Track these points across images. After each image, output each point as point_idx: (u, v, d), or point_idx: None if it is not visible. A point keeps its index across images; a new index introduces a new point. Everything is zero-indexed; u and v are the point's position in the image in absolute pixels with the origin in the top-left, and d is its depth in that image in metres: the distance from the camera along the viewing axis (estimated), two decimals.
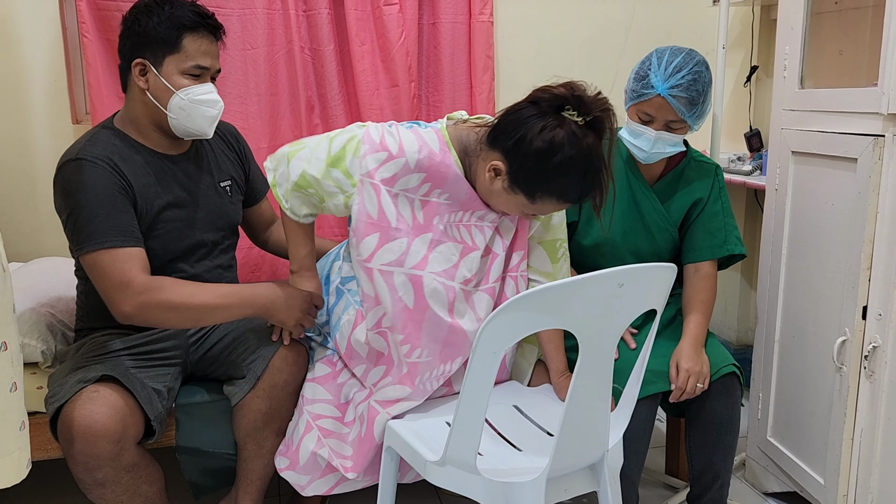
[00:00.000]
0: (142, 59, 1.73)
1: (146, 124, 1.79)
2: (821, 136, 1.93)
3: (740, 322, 3.15)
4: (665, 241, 2.03)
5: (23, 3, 2.49)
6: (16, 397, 1.31)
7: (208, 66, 1.76)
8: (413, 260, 1.65)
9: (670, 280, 1.42)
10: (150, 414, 1.65)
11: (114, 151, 1.72)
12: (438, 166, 1.64)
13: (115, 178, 1.68)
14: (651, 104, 1.86)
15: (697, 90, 1.84)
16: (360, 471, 1.71)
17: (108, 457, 1.56)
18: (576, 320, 1.32)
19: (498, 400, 1.76)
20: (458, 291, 1.69)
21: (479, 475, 1.42)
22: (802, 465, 2.04)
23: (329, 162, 1.63)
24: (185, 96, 1.72)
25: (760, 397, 2.22)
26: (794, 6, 2.02)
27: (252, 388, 1.73)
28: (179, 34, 1.71)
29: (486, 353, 1.30)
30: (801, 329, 2.05)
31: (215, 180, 1.92)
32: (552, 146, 1.49)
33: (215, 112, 1.78)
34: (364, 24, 2.60)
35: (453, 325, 1.68)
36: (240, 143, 2.05)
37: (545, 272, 1.81)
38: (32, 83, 2.55)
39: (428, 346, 1.68)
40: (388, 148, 1.62)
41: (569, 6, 2.90)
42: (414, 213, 1.66)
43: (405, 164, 1.62)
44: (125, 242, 1.66)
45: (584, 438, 1.47)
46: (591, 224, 2.03)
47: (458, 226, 1.70)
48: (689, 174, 2.02)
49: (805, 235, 2.02)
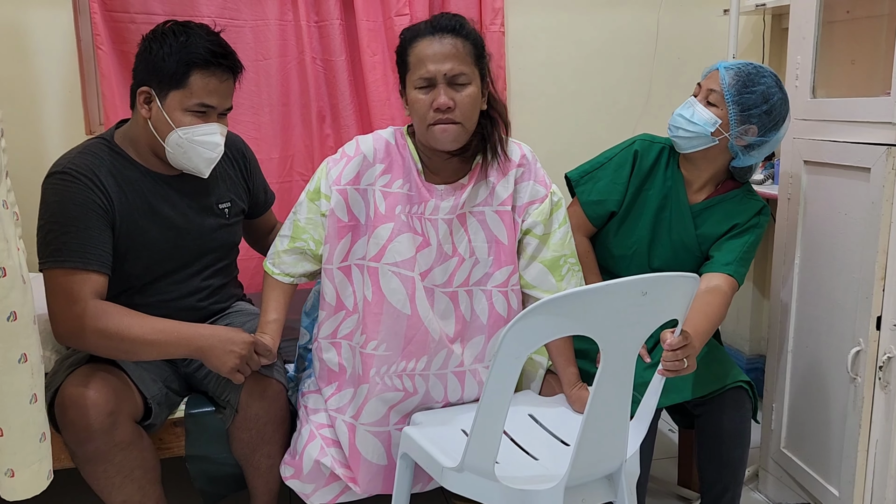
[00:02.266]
0: (147, 88, 1.67)
1: (144, 148, 1.74)
2: (833, 145, 1.93)
3: (753, 332, 3.14)
4: (688, 263, 1.98)
5: (38, 17, 2.51)
6: (36, 409, 1.32)
7: (214, 105, 1.68)
8: (371, 251, 1.71)
9: (693, 290, 1.42)
10: (143, 390, 1.65)
11: (101, 167, 1.67)
12: (394, 155, 1.72)
13: (93, 196, 1.63)
14: (708, 76, 1.90)
15: (749, 74, 1.82)
16: (364, 485, 1.73)
17: (100, 428, 1.55)
18: (599, 326, 1.32)
19: (513, 409, 1.75)
20: (419, 284, 1.70)
21: (498, 482, 1.41)
22: (817, 477, 2.03)
23: (310, 197, 1.76)
24: (184, 135, 1.66)
25: (774, 408, 2.21)
26: (806, 15, 2.03)
27: (232, 419, 1.73)
28: (188, 70, 1.64)
29: (508, 357, 1.30)
30: (814, 339, 2.04)
31: (213, 201, 1.85)
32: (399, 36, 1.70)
33: (213, 155, 1.71)
34: (375, 35, 2.62)
35: (413, 320, 1.69)
36: (245, 158, 1.97)
37: (547, 289, 1.78)
38: (47, 95, 2.57)
39: (387, 339, 1.69)
40: (346, 154, 1.74)
41: (579, 17, 2.92)
42: (376, 205, 1.71)
43: (364, 159, 1.72)
44: (87, 265, 1.60)
45: (602, 447, 1.47)
46: (626, 232, 2.01)
47: (419, 218, 1.72)
48: (731, 206, 1.96)
49: (818, 245, 2.02)
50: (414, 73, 1.61)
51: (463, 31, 1.62)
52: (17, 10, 2.49)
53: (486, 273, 1.76)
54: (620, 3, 2.94)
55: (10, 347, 1.26)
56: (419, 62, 1.60)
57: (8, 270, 1.23)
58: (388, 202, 1.71)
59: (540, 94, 2.94)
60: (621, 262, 2.03)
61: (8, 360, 1.26)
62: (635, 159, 1.99)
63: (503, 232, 1.75)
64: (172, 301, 1.79)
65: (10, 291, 1.24)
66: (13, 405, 1.29)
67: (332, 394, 1.77)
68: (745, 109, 1.82)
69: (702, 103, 1.87)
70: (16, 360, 1.27)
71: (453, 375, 1.76)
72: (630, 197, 1.99)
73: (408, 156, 1.73)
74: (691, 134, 1.87)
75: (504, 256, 1.76)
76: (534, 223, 1.76)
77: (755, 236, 1.93)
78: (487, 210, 1.75)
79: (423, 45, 1.60)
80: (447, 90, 1.60)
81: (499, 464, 1.49)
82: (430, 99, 1.60)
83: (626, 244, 2.01)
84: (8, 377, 1.27)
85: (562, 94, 2.95)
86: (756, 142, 1.86)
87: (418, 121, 1.65)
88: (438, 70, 1.59)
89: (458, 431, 1.65)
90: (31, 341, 1.30)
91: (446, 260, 1.73)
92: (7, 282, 1.23)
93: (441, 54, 1.59)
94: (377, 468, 1.73)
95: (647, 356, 1.71)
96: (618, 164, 2.00)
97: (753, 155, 1.90)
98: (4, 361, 1.26)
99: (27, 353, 1.29)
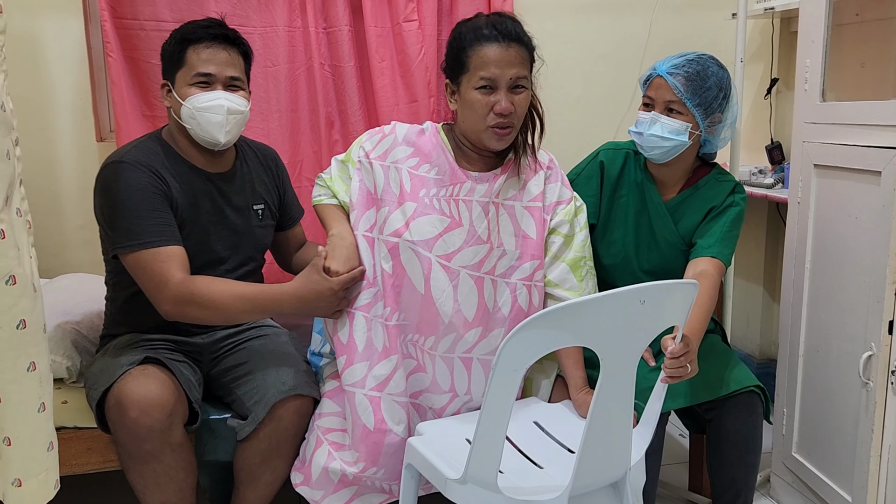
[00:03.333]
0: (165, 81, 1.84)
1: (181, 139, 1.86)
2: (843, 149, 1.92)
3: (763, 336, 3.12)
4: (676, 259, 2.00)
5: (49, 25, 2.53)
6: (44, 418, 1.32)
7: (212, 72, 1.78)
8: (394, 226, 1.74)
9: (692, 297, 1.41)
10: (190, 396, 1.70)
11: (155, 159, 1.79)
12: (425, 142, 1.80)
13: (154, 181, 1.74)
14: (652, 85, 1.90)
15: (698, 71, 1.84)
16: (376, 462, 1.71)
17: (159, 427, 1.60)
18: (597, 338, 1.31)
19: (518, 416, 1.76)
20: (435, 265, 1.72)
21: (501, 493, 1.41)
22: (829, 482, 2.01)
23: (341, 159, 1.88)
24: (190, 105, 1.77)
25: (785, 413, 2.19)
26: (815, 18, 2.01)
27: (253, 430, 1.74)
28: (183, 49, 1.78)
29: (506, 370, 1.30)
30: (825, 344, 2.03)
31: (248, 203, 1.94)
32: (453, 32, 1.75)
33: (219, 118, 1.77)
34: (384, 41, 2.62)
35: (426, 300, 1.72)
36: (278, 168, 2.07)
37: (570, 288, 1.83)
38: (57, 103, 2.60)
39: (405, 310, 1.74)
40: (382, 130, 1.84)
41: (586, 22, 2.91)
42: (402, 183, 1.76)
43: (394, 139, 1.80)
44: (163, 241, 1.71)
45: (605, 456, 1.46)
46: (608, 232, 2.03)
47: (448, 200, 1.76)
48: (704, 192, 1.98)
49: (828, 249, 2.00)
50: (475, 74, 1.67)
51: (525, 38, 1.71)
52: (29, 19, 2.52)
53: (512, 266, 1.79)
54: (627, 7, 2.93)
55: (18, 356, 1.27)
56: (483, 64, 1.66)
57: (18, 278, 1.23)
58: (413, 183, 1.76)
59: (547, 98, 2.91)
60: (612, 271, 2.04)
61: (17, 368, 1.26)
62: (602, 170, 2.03)
63: (532, 227, 1.80)
64: None
65: (21, 299, 1.25)
66: (21, 414, 1.29)
67: (344, 367, 1.75)
68: (707, 106, 1.86)
69: (662, 112, 1.87)
70: (24, 369, 1.27)
71: (459, 361, 1.76)
72: (605, 206, 2.03)
73: (439, 142, 1.79)
74: (668, 147, 1.89)
75: (531, 251, 1.80)
76: (560, 222, 1.83)
77: (734, 215, 1.94)
78: (517, 205, 1.81)
79: (490, 50, 1.66)
80: (508, 94, 1.67)
81: (503, 473, 1.49)
82: (491, 101, 1.67)
83: (613, 252, 2.03)
84: (16, 386, 1.27)
85: (567, 98, 2.93)
86: (722, 124, 1.92)
87: (474, 119, 1.70)
88: (503, 75, 1.66)
89: (463, 441, 1.64)
90: (39, 349, 1.30)
91: (479, 243, 1.76)
92: (17, 290, 1.24)
93: (507, 61, 1.66)
94: (399, 442, 1.71)
95: (651, 360, 1.70)
96: (586, 178, 2.04)
97: (721, 135, 1.95)
98: (13, 370, 1.26)
99: (36, 362, 1.29)
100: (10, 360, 1.26)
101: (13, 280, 1.23)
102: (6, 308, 1.23)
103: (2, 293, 1.22)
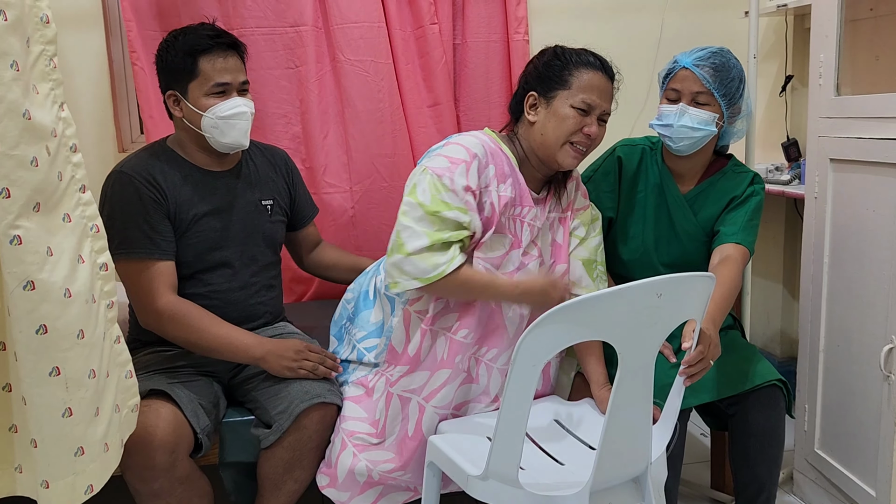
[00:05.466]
0: (172, 92, 1.85)
1: (191, 145, 1.89)
2: (859, 142, 1.91)
3: (784, 334, 3.11)
4: (697, 252, 2.02)
5: (70, 39, 2.58)
6: (71, 423, 1.31)
7: (229, 80, 1.82)
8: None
9: (709, 289, 1.42)
10: (195, 427, 1.69)
11: (154, 166, 1.83)
12: (497, 154, 1.76)
13: (149, 191, 1.78)
14: (677, 78, 1.92)
15: (723, 63, 1.88)
16: (407, 468, 1.73)
17: (163, 467, 1.61)
18: (614, 331, 1.32)
19: (538, 414, 1.76)
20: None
21: (522, 489, 1.42)
22: (852, 477, 2.00)
23: (430, 210, 1.65)
24: (213, 115, 1.81)
25: (807, 409, 2.18)
26: (828, 14, 2.01)
27: (277, 440, 1.75)
28: (194, 60, 1.80)
29: (525, 365, 1.31)
30: (846, 338, 2.02)
31: (257, 198, 1.97)
32: (549, 51, 1.80)
33: (244, 123, 1.84)
34: (407, 44, 2.64)
35: (496, 313, 1.75)
36: (288, 168, 2.10)
37: (586, 286, 1.87)
38: (79, 114, 2.63)
39: (475, 328, 1.74)
40: (457, 159, 1.69)
41: (599, 24, 2.91)
42: (493, 205, 1.73)
43: (478, 161, 1.70)
44: (153, 254, 1.77)
45: (626, 451, 1.47)
46: (628, 228, 2.04)
47: (515, 219, 1.77)
48: (723, 184, 2.01)
49: (847, 243, 2.00)
50: (576, 94, 1.72)
51: (615, 78, 1.80)
52: None
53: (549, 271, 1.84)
54: (639, 8, 2.93)
55: (39, 360, 1.26)
56: (589, 88, 1.72)
57: (39, 284, 1.23)
58: (499, 203, 1.73)
59: None
60: (631, 266, 2.05)
61: (38, 372, 1.26)
62: (620, 165, 2.05)
63: (561, 233, 1.86)
64: (223, 293, 1.89)
65: (41, 305, 1.24)
66: (45, 417, 1.29)
67: (404, 375, 1.77)
68: (731, 96, 1.90)
69: (689, 104, 1.90)
70: (46, 373, 1.27)
71: None
72: (623, 202, 2.04)
73: (507, 158, 1.77)
74: (697, 137, 1.91)
75: (562, 256, 1.85)
76: (576, 225, 1.88)
77: (755, 204, 1.97)
78: (552, 215, 1.85)
79: (595, 78, 1.73)
80: (596, 122, 1.74)
81: (524, 470, 1.50)
82: (584, 122, 1.72)
83: (632, 247, 2.04)
84: (39, 389, 1.27)
85: None
86: (740, 115, 1.95)
87: (559, 132, 1.72)
88: (601, 105, 1.74)
89: (484, 439, 1.65)
90: (67, 355, 1.29)
91: (531, 261, 1.80)
92: (37, 295, 1.23)
93: (607, 93, 1.76)
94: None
95: (671, 356, 1.71)
96: (603, 174, 2.06)
97: (737, 127, 1.98)
98: (35, 374, 1.26)
99: (60, 367, 1.28)
100: (31, 364, 1.26)
101: (31, 286, 1.22)
102: (25, 313, 1.23)
103: (20, 298, 1.22)
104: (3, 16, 1.15)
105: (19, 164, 1.19)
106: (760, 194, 1.99)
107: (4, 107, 1.16)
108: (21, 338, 1.24)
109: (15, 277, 1.21)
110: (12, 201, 1.19)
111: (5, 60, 1.16)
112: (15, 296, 1.22)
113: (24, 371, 1.27)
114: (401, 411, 1.77)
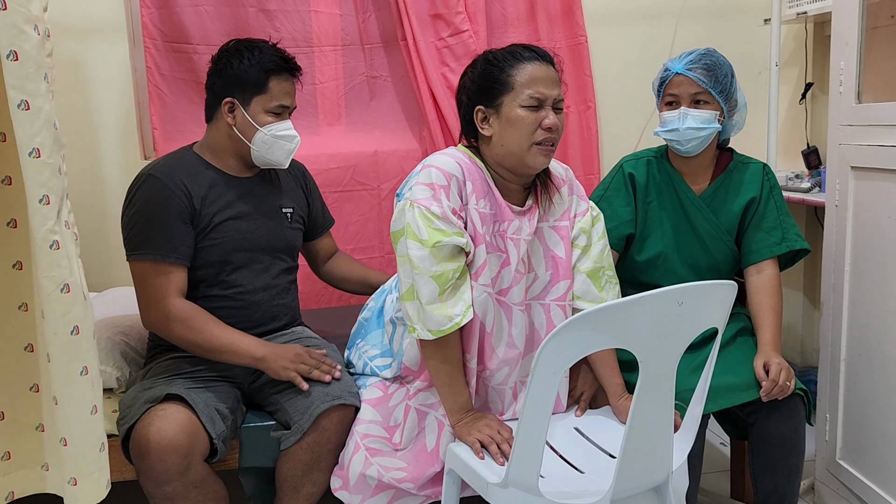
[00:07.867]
0: (231, 98, 1.89)
1: (225, 152, 1.95)
2: (880, 149, 1.91)
3: (805, 343, 3.09)
4: (720, 252, 2.03)
5: (95, 49, 2.63)
6: (96, 420, 1.38)
7: (289, 104, 1.93)
8: (472, 269, 1.70)
9: (731, 298, 1.41)
10: (210, 432, 1.70)
11: (181, 169, 1.88)
12: (473, 171, 1.71)
13: (174, 196, 1.83)
14: (672, 84, 1.95)
15: (714, 62, 1.92)
16: (418, 483, 1.74)
17: (176, 471, 1.63)
18: (635, 339, 1.32)
19: (558, 422, 1.77)
20: (494, 303, 1.72)
21: (542, 497, 1.42)
22: (874, 488, 1.99)
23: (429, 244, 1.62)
24: (268, 132, 1.89)
25: (828, 419, 2.17)
26: (849, 21, 2.01)
27: (297, 441, 1.76)
28: (266, 77, 1.88)
29: (545, 373, 1.31)
30: (867, 347, 2.00)
31: (278, 205, 2.03)
32: (480, 59, 1.74)
33: (292, 146, 1.94)
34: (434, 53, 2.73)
35: (488, 336, 1.73)
36: (306, 180, 2.17)
37: (591, 300, 1.81)
38: (104, 122, 2.69)
39: (475, 351, 1.73)
40: (436, 184, 1.65)
41: (617, 31, 2.92)
42: (474, 225, 1.69)
43: (455, 181, 1.66)
44: (167, 257, 1.81)
45: (646, 459, 1.46)
46: (646, 239, 2.05)
47: (501, 235, 1.74)
48: (736, 178, 2.03)
49: (868, 252, 1.99)
50: (521, 93, 1.65)
51: (555, 61, 1.72)
52: (78, 44, 2.62)
53: (545, 288, 1.79)
54: (659, 16, 2.93)
55: (72, 360, 1.33)
56: (531, 82, 1.65)
57: (72, 287, 1.30)
58: (479, 220, 1.69)
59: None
60: (655, 272, 2.05)
61: (71, 372, 1.33)
62: (631, 179, 2.06)
63: (560, 246, 1.79)
64: (246, 294, 1.93)
65: (73, 307, 1.31)
66: (75, 416, 1.35)
67: (422, 389, 1.78)
68: (727, 91, 1.94)
69: (689, 106, 1.93)
70: (77, 373, 1.33)
71: (510, 391, 1.79)
72: (640, 213, 2.05)
73: (482, 174, 1.72)
74: (703, 136, 1.94)
75: (562, 270, 1.79)
76: (577, 234, 1.82)
77: (777, 194, 2.03)
78: (545, 226, 1.79)
79: (534, 69, 1.66)
80: (552, 112, 1.68)
81: (544, 478, 1.50)
82: (539, 117, 1.65)
83: (654, 254, 2.05)
84: (70, 389, 1.33)
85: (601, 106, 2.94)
86: (737, 107, 2.00)
87: (519, 138, 1.66)
88: (550, 94, 1.67)
89: None
90: (90, 355, 1.36)
91: (522, 277, 1.76)
92: (70, 297, 1.30)
93: (551, 80, 1.68)
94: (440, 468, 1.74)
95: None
96: (615, 190, 2.06)
97: (735, 119, 2.02)
98: (67, 374, 1.32)
99: (88, 367, 1.35)
100: (64, 365, 1.32)
101: (67, 288, 1.29)
102: (61, 315, 1.30)
103: (57, 301, 1.29)
104: (36, 29, 1.19)
105: (53, 172, 1.26)
106: (774, 181, 2.04)
107: (43, 118, 1.22)
108: (56, 340, 1.31)
109: (52, 281, 1.28)
110: (51, 207, 1.26)
111: (40, 73, 1.21)
112: (52, 299, 1.29)
113: (56, 372, 1.33)
114: (418, 424, 1.78)
